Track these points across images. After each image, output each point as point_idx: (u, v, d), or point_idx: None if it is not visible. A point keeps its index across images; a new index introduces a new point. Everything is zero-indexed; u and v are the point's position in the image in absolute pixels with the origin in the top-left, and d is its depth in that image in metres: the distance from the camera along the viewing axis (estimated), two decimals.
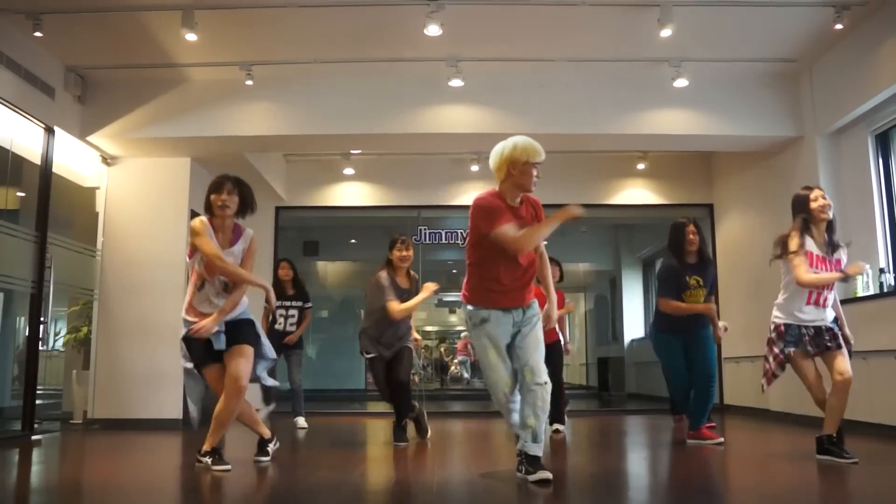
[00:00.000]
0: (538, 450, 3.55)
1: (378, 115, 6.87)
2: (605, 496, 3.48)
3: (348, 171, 9.08)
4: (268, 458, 4.32)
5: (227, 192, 4.02)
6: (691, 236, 5.19)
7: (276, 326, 6.71)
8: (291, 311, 6.85)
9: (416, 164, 9.06)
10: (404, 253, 5.26)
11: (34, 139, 6.16)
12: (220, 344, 3.97)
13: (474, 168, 8.86)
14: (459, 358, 16.81)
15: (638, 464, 4.53)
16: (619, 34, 6.14)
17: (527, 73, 6.83)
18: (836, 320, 4.28)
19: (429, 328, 18.28)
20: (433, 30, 5.69)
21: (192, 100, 6.84)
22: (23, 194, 6.45)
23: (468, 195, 8.99)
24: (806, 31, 6.06)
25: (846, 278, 4.26)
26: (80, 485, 3.96)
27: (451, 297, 14.33)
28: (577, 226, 10.36)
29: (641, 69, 6.75)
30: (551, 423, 6.07)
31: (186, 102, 6.84)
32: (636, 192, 9.18)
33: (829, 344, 4.15)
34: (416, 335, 5.60)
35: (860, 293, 6.01)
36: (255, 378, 4.18)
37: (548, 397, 3.55)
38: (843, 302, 6.14)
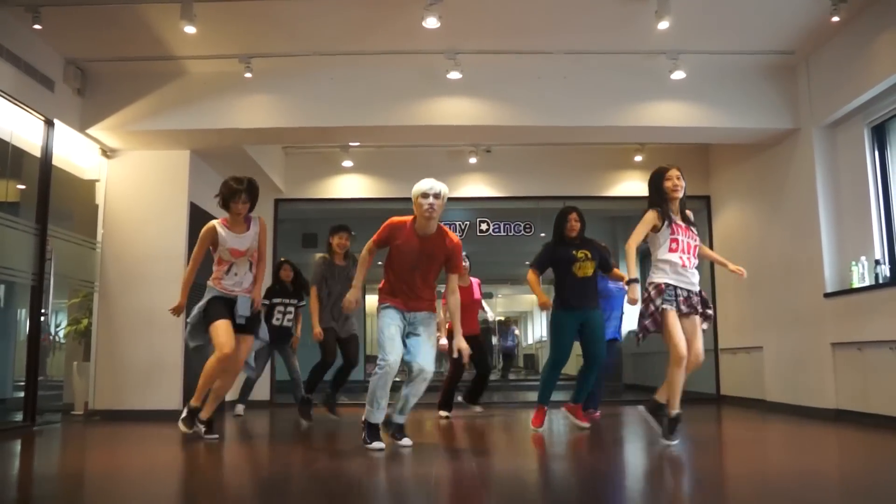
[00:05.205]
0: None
1: (377, 108, 6.89)
2: (607, 489, 3.52)
3: (347, 163, 9.10)
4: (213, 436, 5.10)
5: (241, 202, 4.92)
6: (573, 222, 5.62)
7: (274, 322, 6.87)
8: (289, 309, 6.99)
9: (414, 156, 9.08)
10: (342, 241, 6.38)
11: (34, 132, 6.17)
12: (240, 316, 4.97)
13: (472, 160, 8.89)
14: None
15: (634, 455, 4.57)
16: (616, 26, 6.16)
17: (524, 66, 6.84)
18: (700, 293, 4.67)
19: None
20: (431, 22, 5.70)
21: (192, 92, 6.85)
22: (23, 187, 6.46)
23: (466, 187, 9.02)
24: (803, 23, 6.08)
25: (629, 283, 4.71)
26: (81, 475, 4.00)
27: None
28: None
29: (639, 61, 6.77)
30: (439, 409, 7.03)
31: (186, 95, 6.85)
32: (633, 185, 9.20)
33: (698, 308, 4.57)
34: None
35: (856, 284, 6.05)
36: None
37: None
38: (838, 293, 6.23)
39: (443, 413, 6.96)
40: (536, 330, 17.47)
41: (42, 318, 6.17)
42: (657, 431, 4.57)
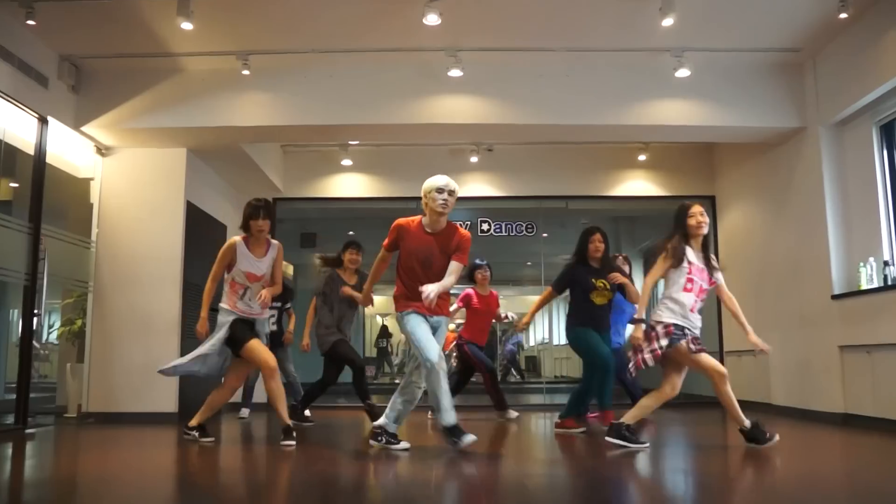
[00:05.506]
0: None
1: (376, 106, 6.80)
2: (609, 491, 3.44)
3: (346, 162, 9.01)
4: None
5: (262, 218, 5.07)
6: (598, 243, 5.57)
7: None
8: (272, 311, 6.90)
9: (414, 155, 8.99)
10: (354, 256, 6.35)
11: (28, 129, 6.08)
12: (262, 328, 5.17)
13: (473, 159, 8.80)
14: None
15: (640, 458, 4.48)
16: (620, 23, 6.07)
17: (526, 63, 6.75)
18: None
19: None
20: (432, 19, 5.62)
21: (188, 89, 6.77)
22: (16, 185, 6.39)
23: (468, 186, 8.93)
24: (810, 20, 5.99)
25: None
26: (74, 478, 3.93)
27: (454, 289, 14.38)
28: (578, 217, 10.30)
29: (643, 59, 6.68)
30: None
31: (182, 92, 6.76)
32: (637, 184, 9.12)
33: (700, 348, 4.50)
34: None
35: (864, 286, 5.95)
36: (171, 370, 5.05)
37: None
38: (846, 295, 6.14)
39: (511, 414, 7.01)
40: (538, 332, 17.40)
41: (35, 319, 6.08)
42: (635, 448, 4.53)
